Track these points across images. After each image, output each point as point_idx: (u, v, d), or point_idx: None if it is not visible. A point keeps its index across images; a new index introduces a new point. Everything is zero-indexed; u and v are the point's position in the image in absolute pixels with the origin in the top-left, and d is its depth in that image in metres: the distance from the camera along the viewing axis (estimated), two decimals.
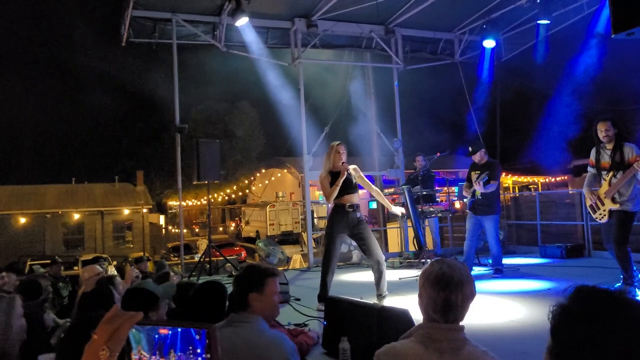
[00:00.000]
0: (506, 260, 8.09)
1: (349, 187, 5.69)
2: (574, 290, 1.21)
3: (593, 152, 5.87)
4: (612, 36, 2.24)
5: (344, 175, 5.59)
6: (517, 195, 17.20)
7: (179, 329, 1.16)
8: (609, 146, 5.65)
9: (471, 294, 1.93)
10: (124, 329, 1.14)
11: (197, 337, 1.14)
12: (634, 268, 5.66)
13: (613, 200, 5.62)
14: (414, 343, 1.87)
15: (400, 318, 3.76)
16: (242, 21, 9.21)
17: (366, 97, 11.74)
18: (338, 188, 5.59)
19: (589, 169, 6.00)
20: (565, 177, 32.14)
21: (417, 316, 3.85)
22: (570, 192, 14.66)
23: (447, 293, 1.87)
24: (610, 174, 5.62)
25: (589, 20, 9.96)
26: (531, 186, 34.43)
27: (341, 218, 5.68)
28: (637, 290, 5.58)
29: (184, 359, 1.14)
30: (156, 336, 1.18)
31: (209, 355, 1.13)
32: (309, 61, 10.66)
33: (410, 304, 5.15)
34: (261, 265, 3.01)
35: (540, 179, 35.00)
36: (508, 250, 9.84)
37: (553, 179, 34.67)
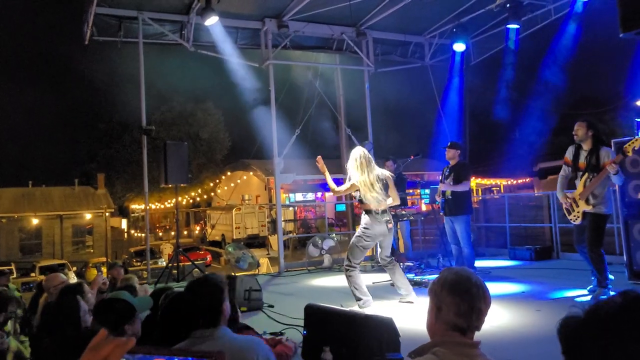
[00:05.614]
0: (476, 263, 8.09)
1: None
2: (592, 306, 1.16)
3: (571, 150, 5.86)
4: (621, 35, 2.18)
5: None
6: (485, 197, 17.37)
7: (176, 359, 1.01)
8: (586, 147, 5.69)
9: (490, 300, 1.88)
10: (113, 358, 0.97)
11: None
12: (608, 270, 5.72)
13: (587, 201, 5.66)
14: None
15: (385, 327, 3.64)
16: (212, 20, 8.95)
17: (336, 99, 11.64)
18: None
19: (564, 167, 5.97)
20: (528, 179, 32.82)
21: (401, 324, 3.77)
22: (536, 194, 14.89)
23: (470, 297, 1.84)
24: (585, 175, 5.66)
25: (556, 25, 10.12)
26: (494, 188, 35.09)
27: None
28: (610, 292, 5.63)
29: None
30: None
31: None
32: (280, 62, 10.47)
33: (389, 310, 5.08)
34: (214, 273, 2.82)
35: (502, 182, 35.67)
36: (477, 253, 9.84)
37: (515, 181, 35.40)
